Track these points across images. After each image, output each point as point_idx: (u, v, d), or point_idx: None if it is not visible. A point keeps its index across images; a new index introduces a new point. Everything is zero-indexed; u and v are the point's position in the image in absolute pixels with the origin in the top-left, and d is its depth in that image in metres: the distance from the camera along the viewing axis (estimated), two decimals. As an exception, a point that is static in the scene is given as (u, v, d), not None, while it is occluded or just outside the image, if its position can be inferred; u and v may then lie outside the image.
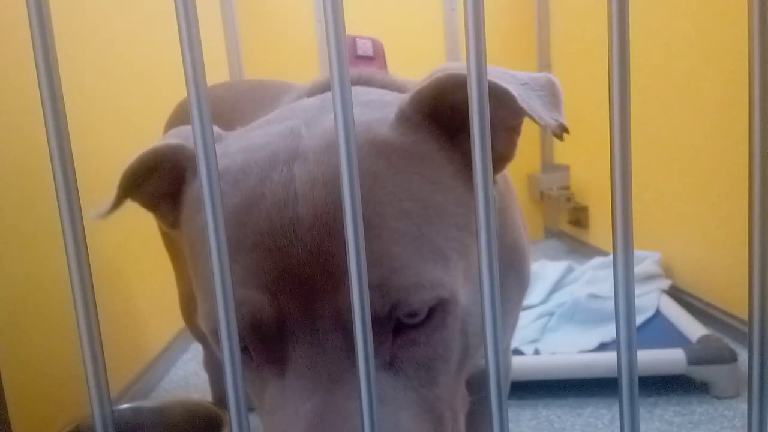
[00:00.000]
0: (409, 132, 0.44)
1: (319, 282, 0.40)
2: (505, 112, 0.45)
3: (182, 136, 0.50)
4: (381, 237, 0.40)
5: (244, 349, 0.43)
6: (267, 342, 0.41)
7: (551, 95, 0.45)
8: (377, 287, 0.39)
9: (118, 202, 0.49)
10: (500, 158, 0.48)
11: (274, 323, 0.41)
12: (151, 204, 0.52)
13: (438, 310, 0.42)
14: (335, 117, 0.29)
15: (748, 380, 0.30)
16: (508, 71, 0.46)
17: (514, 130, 0.47)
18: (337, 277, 0.39)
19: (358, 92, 0.52)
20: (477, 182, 0.29)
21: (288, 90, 1.02)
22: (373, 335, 0.40)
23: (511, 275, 0.64)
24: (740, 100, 1.49)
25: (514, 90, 0.42)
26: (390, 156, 0.42)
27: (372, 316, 0.40)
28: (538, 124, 0.42)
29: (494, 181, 0.51)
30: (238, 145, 0.46)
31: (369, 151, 0.42)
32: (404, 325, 0.41)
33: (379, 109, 0.47)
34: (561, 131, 0.43)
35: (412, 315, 0.41)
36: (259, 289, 0.40)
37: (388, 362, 0.42)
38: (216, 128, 0.51)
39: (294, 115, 0.49)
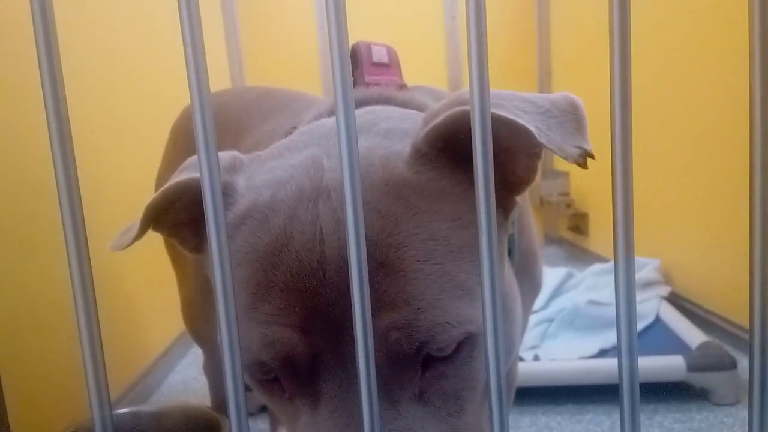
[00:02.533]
0: (425, 169, 0.44)
1: (348, 320, 0.41)
2: (524, 141, 0.44)
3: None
4: (405, 279, 0.40)
5: (275, 380, 0.44)
6: (299, 377, 0.42)
7: (573, 120, 0.44)
8: (405, 327, 0.40)
9: (140, 234, 0.49)
10: (520, 182, 0.48)
11: (306, 360, 0.42)
12: (173, 233, 0.53)
13: (466, 344, 0.43)
14: (338, 131, 0.29)
15: (749, 387, 0.30)
16: (527, 96, 0.45)
17: (535, 155, 0.46)
18: None
19: (378, 116, 0.52)
20: (479, 195, 0.29)
21: (296, 98, 1.02)
22: (402, 371, 0.41)
23: (525, 280, 0.66)
24: (740, 107, 1.49)
25: (532, 124, 0.41)
26: (408, 196, 0.43)
27: (400, 354, 0.41)
28: (559, 155, 0.41)
29: (515, 203, 0.50)
30: (262, 178, 0.47)
31: (387, 191, 0.43)
32: (433, 358, 0.42)
33: (397, 140, 0.47)
34: (584, 159, 0.41)
35: (441, 349, 0.42)
36: (292, 327, 0.41)
37: (417, 395, 0.42)
38: (237, 154, 0.51)
39: (314, 141, 0.49)
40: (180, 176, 0.49)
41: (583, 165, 0.41)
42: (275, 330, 0.41)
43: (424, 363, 0.42)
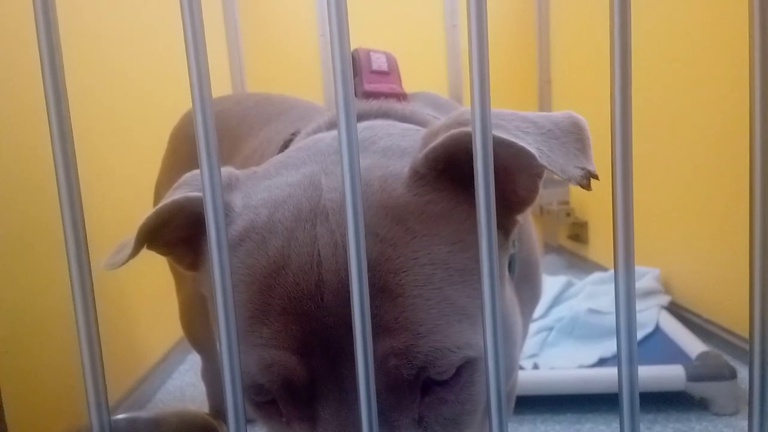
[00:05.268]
0: (423, 191, 0.44)
1: (346, 344, 0.40)
2: (526, 162, 0.43)
3: (198, 186, 0.49)
4: (405, 305, 0.40)
5: (272, 402, 0.44)
6: (297, 400, 0.42)
7: (576, 140, 0.43)
8: (403, 353, 0.40)
9: (134, 254, 0.49)
10: (521, 202, 0.47)
11: (304, 383, 0.41)
12: (168, 251, 0.52)
13: (466, 368, 0.42)
14: (340, 146, 0.29)
15: (749, 397, 0.30)
16: (528, 116, 0.44)
17: (536, 176, 0.46)
18: None
19: (377, 133, 0.51)
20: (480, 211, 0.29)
21: (294, 105, 1.02)
22: (401, 396, 0.41)
23: (525, 289, 0.66)
24: (740, 114, 1.49)
25: (533, 146, 0.41)
26: (407, 220, 0.42)
27: (399, 380, 0.41)
28: (562, 177, 0.40)
29: (516, 221, 0.49)
30: (259, 197, 0.46)
31: (385, 215, 0.42)
32: (432, 382, 0.42)
33: (396, 159, 0.47)
34: (587, 180, 0.40)
35: (440, 374, 0.42)
36: (290, 350, 0.41)
37: (417, 420, 0.42)
38: (233, 170, 0.50)
39: (312, 158, 0.49)
40: (174, 195, 0.48)
41: (587, 186, 0.40)
42: (273, 353, 0.41)
43: (424, 388, 0.42)
